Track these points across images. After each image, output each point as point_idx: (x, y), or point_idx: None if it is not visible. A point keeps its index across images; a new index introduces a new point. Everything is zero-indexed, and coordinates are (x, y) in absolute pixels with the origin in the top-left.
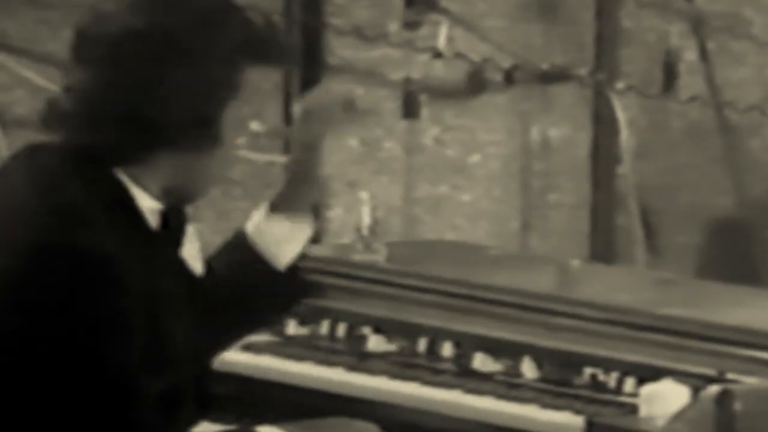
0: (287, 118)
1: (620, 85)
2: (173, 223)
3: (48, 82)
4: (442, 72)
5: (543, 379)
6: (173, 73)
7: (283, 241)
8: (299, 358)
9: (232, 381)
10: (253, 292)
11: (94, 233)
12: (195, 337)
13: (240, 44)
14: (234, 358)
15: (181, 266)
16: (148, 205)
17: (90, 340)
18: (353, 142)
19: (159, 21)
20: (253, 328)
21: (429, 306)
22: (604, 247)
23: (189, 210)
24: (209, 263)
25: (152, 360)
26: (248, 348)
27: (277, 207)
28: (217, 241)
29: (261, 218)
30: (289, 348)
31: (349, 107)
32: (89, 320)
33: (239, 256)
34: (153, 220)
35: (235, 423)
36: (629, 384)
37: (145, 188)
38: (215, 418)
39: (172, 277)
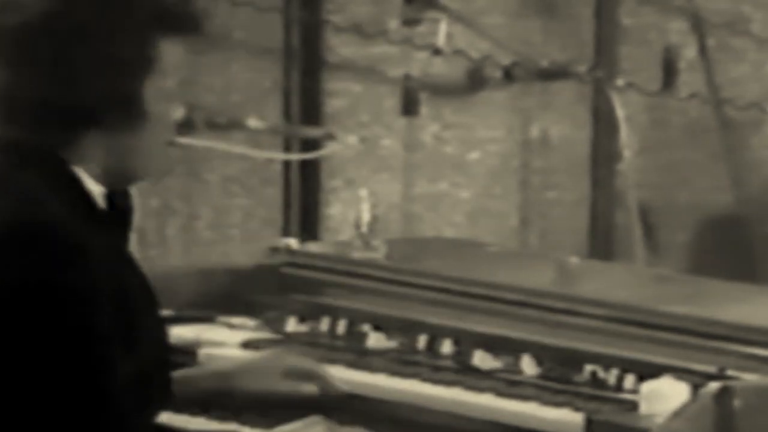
0: (286, 115)
1: (620, 82)
2: (119, 205)
3: None
4: (441, 69)
5: (543, 376)
6: (79, 54)
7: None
8: (299, 355)
9: None
10: None
11: (48, 210)
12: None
13: (149, 19)
14: (234, 355)
15: (130, 254)
16: (94, 188)
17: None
18: (352, 140)
19: (60, 2)
20: None
21: (428, 303)
22: (603, 245)
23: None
24: None
25: (124, 336)
26: (247, 345)
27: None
28: (215, 238)
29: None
30: (289, 345)
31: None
32: (55, 291)
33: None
34: (100, 203)
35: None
36: (629, 381)
37: (87, 171)
38: (210, 416)
39: (126, 261)
